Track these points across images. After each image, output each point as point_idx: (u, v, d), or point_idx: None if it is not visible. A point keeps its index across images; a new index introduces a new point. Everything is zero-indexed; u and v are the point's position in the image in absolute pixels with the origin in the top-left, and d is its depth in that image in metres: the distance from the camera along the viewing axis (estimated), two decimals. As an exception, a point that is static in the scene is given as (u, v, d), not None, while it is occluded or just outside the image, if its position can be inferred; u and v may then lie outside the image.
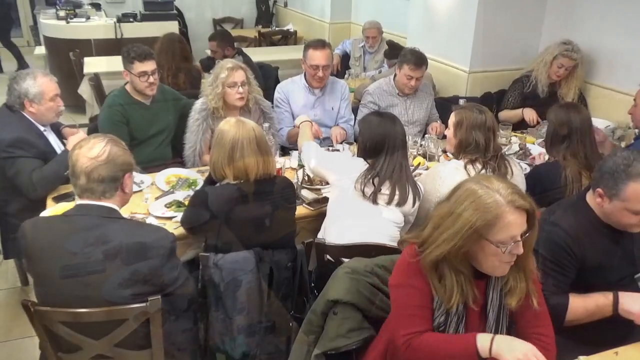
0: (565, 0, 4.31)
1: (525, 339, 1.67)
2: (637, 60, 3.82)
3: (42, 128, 2.85)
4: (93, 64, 5.42)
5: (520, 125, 4.00)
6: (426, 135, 3.59)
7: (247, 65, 3.32)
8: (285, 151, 3.49)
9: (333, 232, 2.41)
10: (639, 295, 1.85)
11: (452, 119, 2.59)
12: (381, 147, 2.36)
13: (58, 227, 1.84)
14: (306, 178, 2.89)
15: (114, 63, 4.25)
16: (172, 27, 6.33)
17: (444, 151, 3.31)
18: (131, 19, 6.53)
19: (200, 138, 3.20)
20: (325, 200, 2.67)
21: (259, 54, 5.96)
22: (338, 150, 3.35)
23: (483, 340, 1.55)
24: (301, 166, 2.92)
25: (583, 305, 1.92)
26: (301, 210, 2.70)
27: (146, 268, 1.79)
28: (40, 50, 6.86)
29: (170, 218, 2.54)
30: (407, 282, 1.64)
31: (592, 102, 4.18)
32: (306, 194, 2.82)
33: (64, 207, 2.38)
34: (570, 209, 2.02)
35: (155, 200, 2.70)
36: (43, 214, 2.41)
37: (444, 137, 2.94)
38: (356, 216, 2.38)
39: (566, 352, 1.71)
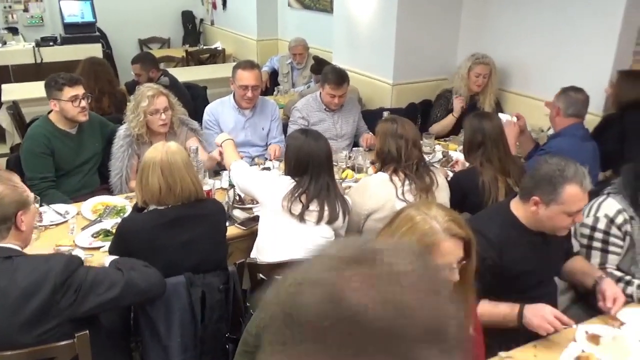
0: (478, 15, 4.58)
1: None
2: (548, 68, 4.09)
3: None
4: (11, 91, 5.19)
5: (451, 134, 4.18)
6: (354, 148, 3.69)
7: (173, 87, 3.30)
8: (215, 172, 3.49)
9: (265, 251, 2.44)
10: (541, 307, 1.91)
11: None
12: (306, 164, 2.41)
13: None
14: (237, 198, 2.91)
15: (34, 89, 4.12)
16: (95, 49, 6.17)
17: (372, 162, 3.41)
18: (51, 43, 6.32)
19: (126, 164, 3.15)
20: (257, 219, 2.69)
21: (187, 74, 5.91)
22: (269, 168, 3.39)
23: None
24: (232, 186, 2.93)
25: (489, 314, 1.97)
26: (233, 230, 2.71)
27: (37, 302, 1.72)
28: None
29: (98, 248, 2.49)
30: None
31: (509, 109, 4.42)
32: (238, 213, 2.83)
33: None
34: (495, 218, 2.10)
35: (82, 231, 2.63)
36: None
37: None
38: (286, 233, 2.41)
39: (487, 349, 1.80)
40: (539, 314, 1.90)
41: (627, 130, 3.37)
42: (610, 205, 2.31)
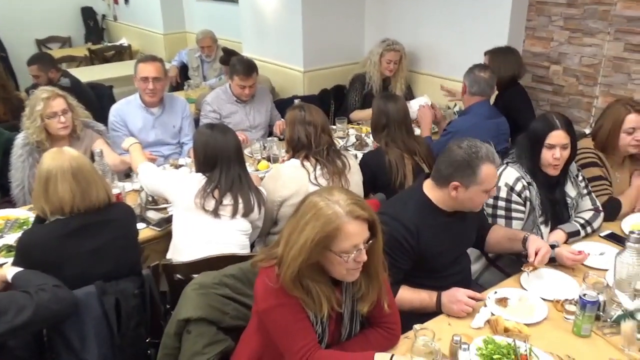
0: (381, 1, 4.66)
1: (377, 328, 1.80)
2: (451, 47, 4.26)
3: None
4: None
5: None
6: (268, 138, 3.68)
7: (75, 88, 3.14)
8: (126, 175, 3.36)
9: (181, 250, 2.39)
10: (455, 292, 2.01)
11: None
12: (215, 159, 2.38)
13: None
14: (150, 199, 2.82)
15: None
16: (-13, 53, 5.77)
17: (287, 151, 3.41)
18: None
19: (27, 174, 2.96)
20: (172, 219, 2.62)
21: (91, 74, 5.67)
22: (183, 165, 3.31)
23: None
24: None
25: (409, 300, 2.06)
26: (148, 232, 2.64)
27: None
28: None
29: (0, 265, 2.34)
30: (277, 302, 1.62)
31: (420, 89, 4.58)
32: (152, 215, 2.76)
33: None
34: (409, 202, 2.13)
35: (-18, 249, 2.47)
36: None
37: None
38: (202, 230, 2.37)
39: (403, 325, 1.86)
40: (454, 300, 1.99)
41: (508, 106, 3.56)
42: (509, 174, 2.44)
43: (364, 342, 1.77)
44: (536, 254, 2.14)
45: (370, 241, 1.61)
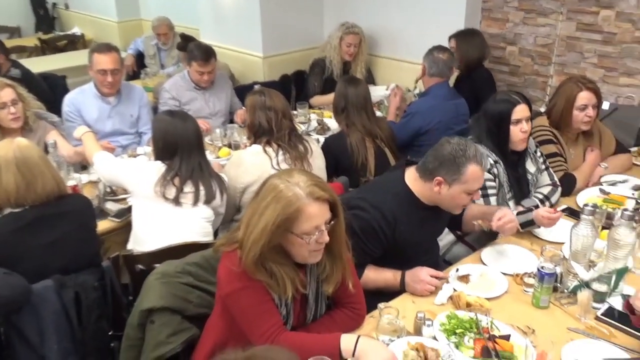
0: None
1: (342, 308, 1.81)
2: (410, 30, 4.28)
3: None
4: None
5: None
6: (229, 125, 3.63)
7: (26, 79, 3.02)
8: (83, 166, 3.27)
9: (143, 240, 2.35)
10: (419, 271, 2.02)
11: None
12: (175, 146, 2.33)
13: None
14: (108, 190, 2.76)
15: None
16: None
17: (248, 137, 3.38)
18: None
19: (-22, 168, 2.85)
20: (131, 209, 2.57)
21: (43, 64, 5.47)
22: (142, 155, 3.24)
23: (347, 343, 1.60)
24: (102, 178, 2.77)
25: (374, 280, 2.07)
26: (107, 224, 2.58)
27: None
28: None
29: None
30: (241, 286, 1.61)
31: (380, 73, 4.60)
32: (111, 206, 2.69)
33: None
34: (390, 191, 2.10)
35: None
36: None
37: None
38: (163, 219, 2.33)
39: (368, 304, 1.88)
40: (418, 279, 2.01)
41: (475, 88, 3.62)
42: None
43: (330, 322, 1.77)
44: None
45: (332, 222, 1.61)
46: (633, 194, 2.70)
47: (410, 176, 2.11)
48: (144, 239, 2.35)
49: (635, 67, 3.51)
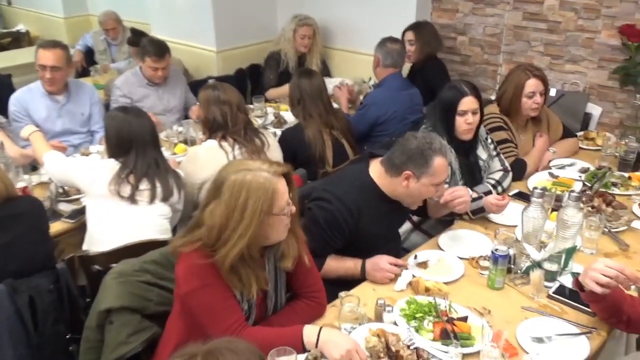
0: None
1: (303, 299, 1.83)
2: (362, 22, 4.32)
3: None
4: None
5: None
6: (184, 121, 3.58)
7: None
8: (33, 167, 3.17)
9: (98, 241, 2.30)
10: (378, 260, 2.06)
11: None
12: (129, 143, 2.29)
13: None
14: (60, 190, 2.68)
15: None
16: None
17: (204, 132, 3.34)
18: None
19: None
20: (85, 209, 2.51)
21: (-14, 63, 5.24)
22: (94, 153, 3.16)
23: (309, 334, 1.62)
24: (53, 179, 2.69)
25: (335, 269, 2.11)
26: (61, 225, 2.51)
27: None
28: None
29: None
30: (201, 284, 1.61)
31: (336, 65, 4.62)
32: (64, 207, 2.62)
33: None
34: (354, 184, 2.13)
35: None
36: None
37: None
38: (118, 218, 2.29)
39: (329, 294, 1.90)
40: (378, 268, 2.05)
41: (428, 79, 3.68)
42: None
43: (291, 314, 1.79)
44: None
45: (291, 194, 1.67)
46: (580, 176, 2.81)
47: (375, 170, 2.14)
48: (100, 239, 2.30)
49: (579, 55, 3.64)
